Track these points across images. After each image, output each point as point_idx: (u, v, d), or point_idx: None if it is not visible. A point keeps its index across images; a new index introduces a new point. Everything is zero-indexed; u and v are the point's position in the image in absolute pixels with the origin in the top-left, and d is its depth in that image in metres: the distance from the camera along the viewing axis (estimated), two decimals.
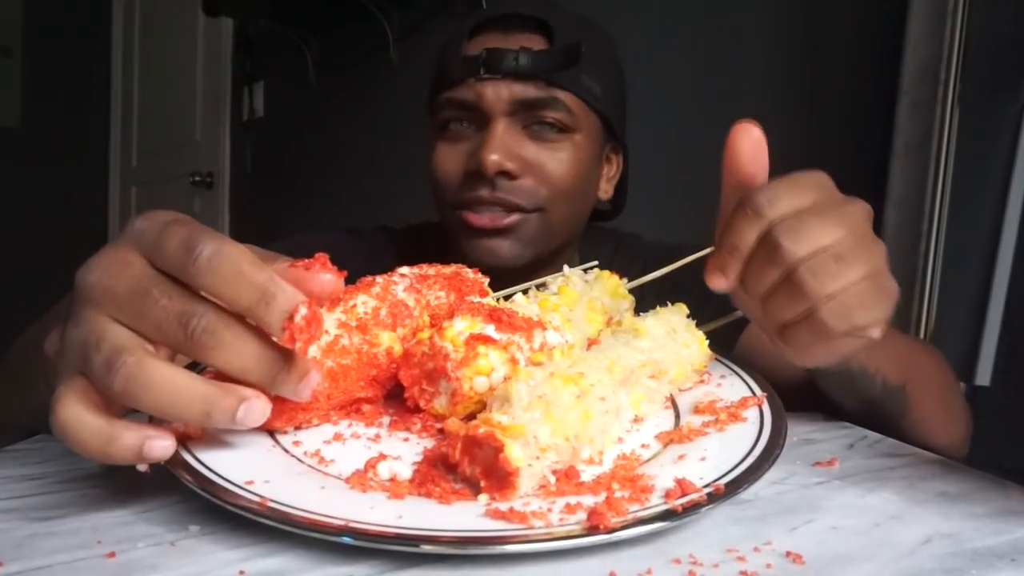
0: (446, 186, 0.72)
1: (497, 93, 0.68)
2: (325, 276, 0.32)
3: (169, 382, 0.30)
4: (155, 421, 0.33)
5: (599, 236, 0.87)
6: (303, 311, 0.30)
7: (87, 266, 0.32)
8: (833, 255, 0.38)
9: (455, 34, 0.73)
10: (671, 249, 0.74)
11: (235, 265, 0.30)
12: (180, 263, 0.30)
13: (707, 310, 0.52)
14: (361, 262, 0.50)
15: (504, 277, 0.65)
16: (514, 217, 0.69)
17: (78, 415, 0.30)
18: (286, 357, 0.32)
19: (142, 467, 0.32)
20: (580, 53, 0.68)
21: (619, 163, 0.83)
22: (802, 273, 0.38)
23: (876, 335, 0.39)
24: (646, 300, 0.53)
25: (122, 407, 0.32)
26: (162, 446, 0.30)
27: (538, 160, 0.69)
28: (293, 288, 0.31)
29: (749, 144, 0.41)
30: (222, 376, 0.32)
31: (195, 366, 0.36)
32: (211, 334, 0.30)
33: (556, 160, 0.70)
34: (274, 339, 0.31)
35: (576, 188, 0.72)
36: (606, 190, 0.81)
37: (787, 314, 0.39)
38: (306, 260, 0.33)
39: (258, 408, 0.31)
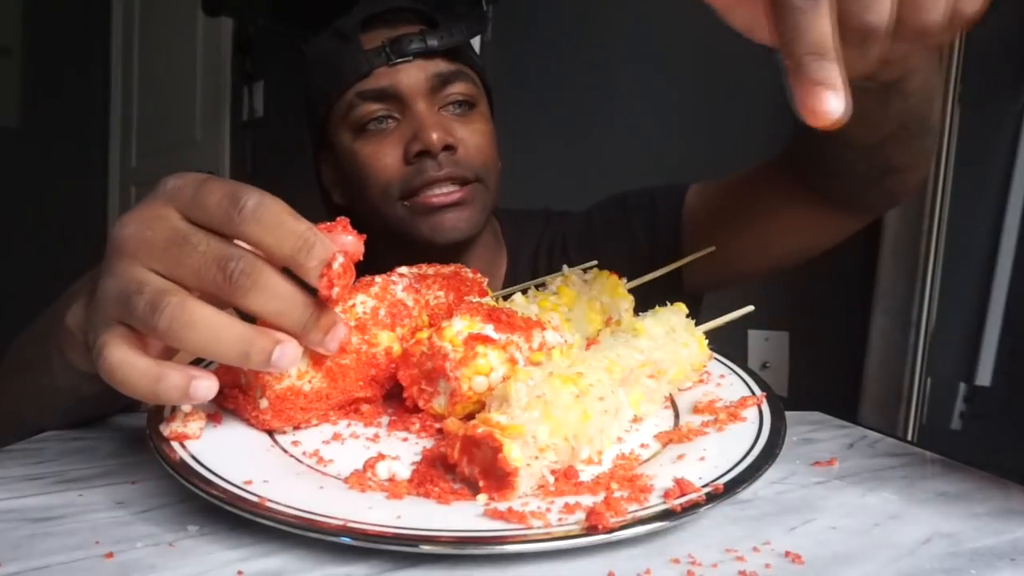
0: (388, 182, 0.72)
1: (413, 75, 0.71)
2: (347, 237, 0.34)
3: (211, 321, 0.31)
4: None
5: (526, 218, 0.88)
6: (340, 259, 0.32)
7: (121, 221, 0.34)
8: None
9: (331, 38, 0.74)
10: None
11: (278, 215, 0.32)
12: (225, 213, 0.32)
13: (636, 264, 0.53)
14: None
15: (457, 251, 0.71)
16: (466, 188, 0.72)
17: (126, 356, 0.32)
18: (316, 308, 0.34)
19: (186, 407, 0.34)
20: (486, 19, 0.73)
21: None
22: None
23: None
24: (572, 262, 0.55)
25: (164, 353, 0.34)
26: (206, 386, 0.32)
27: (464, 135, 0.72)
28: (329, 239, 0.33)
29: None
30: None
31: None
32: (248, 275, 0.32)
33: (478, 133, 0.73)
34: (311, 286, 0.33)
35: (496, 156, 0.76)
36: None
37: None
38: (328, 223, 0.35)
39: (291, 352, 0.33)
